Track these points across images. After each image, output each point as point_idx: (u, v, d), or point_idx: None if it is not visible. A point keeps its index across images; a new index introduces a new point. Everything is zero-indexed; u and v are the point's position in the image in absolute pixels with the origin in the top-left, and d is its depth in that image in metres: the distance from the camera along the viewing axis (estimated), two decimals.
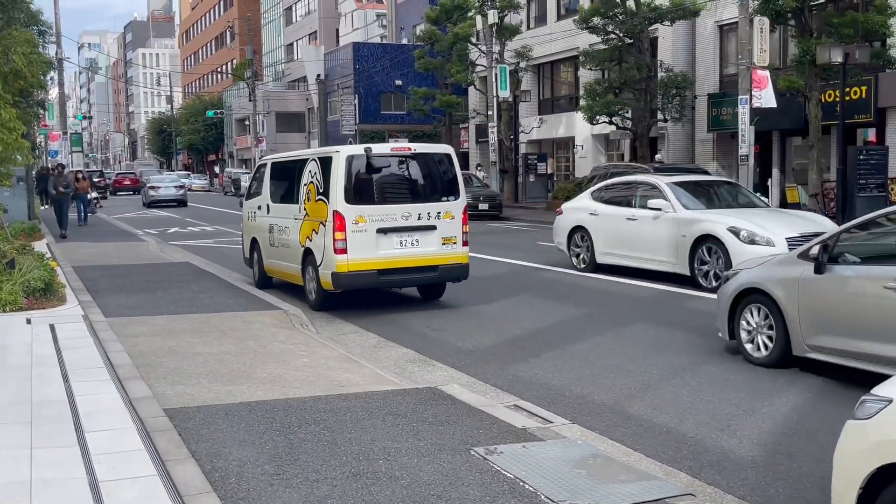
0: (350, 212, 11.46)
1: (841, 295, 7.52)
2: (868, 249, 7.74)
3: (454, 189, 12.21)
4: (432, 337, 10.14)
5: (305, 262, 12.40)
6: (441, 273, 12.12)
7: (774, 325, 8.16)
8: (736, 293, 8.62)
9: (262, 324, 10.28)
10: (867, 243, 7.84)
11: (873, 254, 7.69)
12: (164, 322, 10.23)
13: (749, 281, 8.51)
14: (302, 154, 13.28)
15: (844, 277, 7.49)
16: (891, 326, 6.97)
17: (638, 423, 6.61)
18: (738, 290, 8.61)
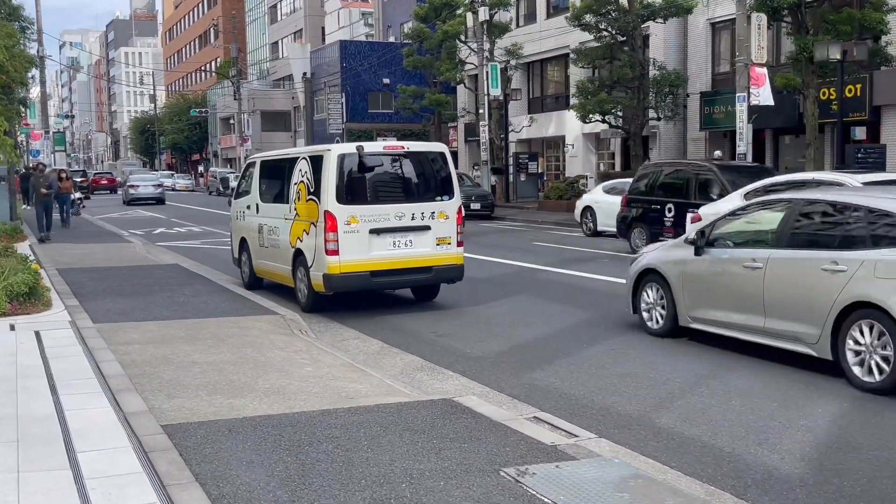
0: (342, 212, 11.02)
1: (713, 273, 8.94)
2: (737, 235, 9.02)
3: (448, 188, 11.79)
4: (438, 343, 9.70)
5: (296, 263, 11.96)
6: (435, 274, 11.71)
7: (665, 301, 9.49)
8: (637, 273, 10.01)
9: (260, 330, 9.81)
10: (737, 230, 9.09)
11: (740, 239, 8.95)
12: (157, 328, 9.74)
13: (647, 263, 9.92)
14: (292, 152, 12.83)
15: (715, 259, 8.94)
16: (747, 299, 8.41)
17: (669, 436, 6.19)
18: (638, 270, 10.01)
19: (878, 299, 7.10)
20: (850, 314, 7.38)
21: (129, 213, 37.73)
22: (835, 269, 7.51)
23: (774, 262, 8.13)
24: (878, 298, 7.10)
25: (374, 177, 11.52)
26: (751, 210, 9.17)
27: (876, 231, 7.47)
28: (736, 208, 9.74)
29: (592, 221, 22.97)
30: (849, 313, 7.39)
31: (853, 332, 7.37)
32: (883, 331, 7.10)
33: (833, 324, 7.49)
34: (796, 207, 8.37)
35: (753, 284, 8.31)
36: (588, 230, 23.08)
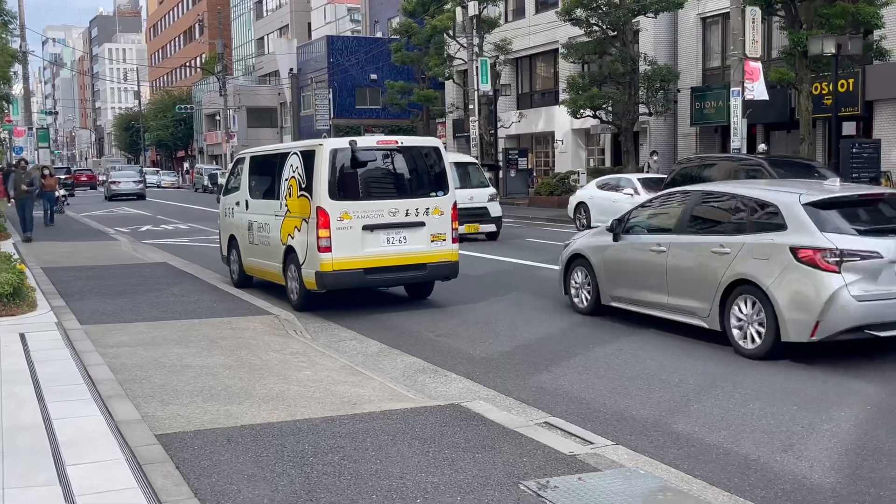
0: (334, 208, 10.72)
1: (627, 257, 10.05)
2: (647, 223, 10.07)
3: (443, 184, 11.49)
4: (438, 343, 9.39)
5: (287, 260, 11.65)
6: (430, 271, 11.42)
7: (591, 282, 10.59)
8: (567, 258, 11.13)
9: (254, 331, 9.48)
10: (647, 218, 10.16)
11: (650, 226, 9.99)
12: (147, 330, 9.39)
13: (575, 248, 11.07)
14: (283, 147, 12.50)
15: (629, 244, 10.04)
16: (654, 279, 9.52)
17: (689, 442, 5.91)
18: (568, 255, 11.14)
19: (753, 276, 8.23)
20: (733, 290, 8.46)
21: (114, 210, 37.24)
22: (722, 252, 8.62)
23: (675, 247, 9.27)
24: (752, 275, 8.24)
25: (367, 172, 11.22)
26: (661, 200, 10.33)
27: (753, 218, 8.65)
28: (647, 199, 10.91)
29: (586, 217, 22.73)
30: (732, 289, 8.47)
31: (736, 306, 8.44)
32: (757, 303, 8.21)
33: (720, 299, 8.57)
34: (693, 199, 9.54)
35: (659, 266, 9.43)
36: (581, 226, 22.84)
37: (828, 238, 7.89)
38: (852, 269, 7.79)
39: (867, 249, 7.88)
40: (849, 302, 7.72)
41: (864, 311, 7.76)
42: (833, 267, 7.80)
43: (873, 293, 7.79)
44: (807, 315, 7.84)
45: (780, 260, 8.04)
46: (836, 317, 7.75)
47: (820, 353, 8.18)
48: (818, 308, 7.76)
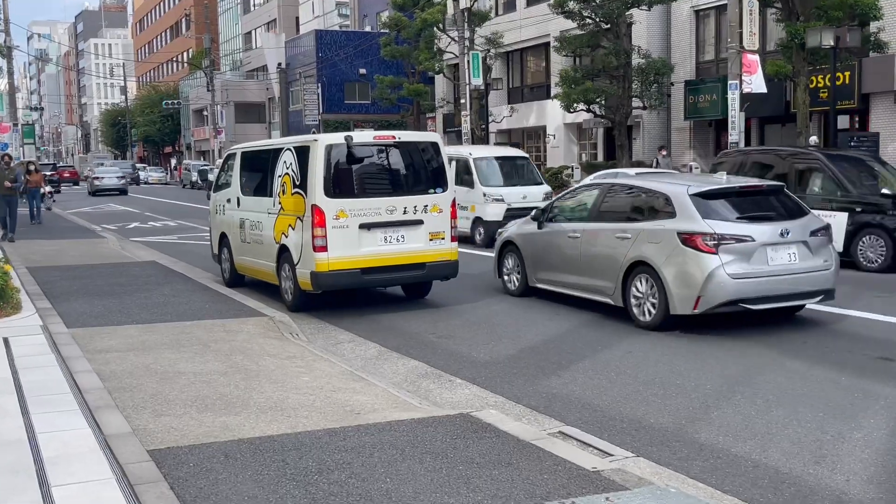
0: (330, 206, 10.35)
1: (549, 243, 11.17)
2: (567, 212, 11.19)
3: (441, 180, 11.13)
4: (439, 345, 9.04)
5: (281, 259, 11.29)
6: (429, 271, 11.06)
7: (520, 267, 11.72)
8: (500, 245, 12.31)
9: (248, 333, 9.10)
10: (567, 208, 11.29)
11: (569, 215, 11.10)
12: (137, 333, 9.00)
13: (507, 236, 12.19)
14: (276, 143, 12.12)
15: (551, 231, 11.17)
16: (571, 262, 10.69)
17: (714, 454, 5.58)
18: (501, 242, 12.31)
19: (648, 258, 9.41)
20: (632, 271, 9.63)
21: (101, 207, 36.73)
22: (624, 237, 9.80)
23: (587, 233, 10.44)
24: (648, 257, 9.41)
25: (363, 168, 10.87)
26: (578, 192, 11.55)
27: (649, 206, 9.88)
28: (569, 192, 11.98)
29: None
30: (632, 270, 9.63)
31: (634, 285, 9.62)
32: (651, 281, 9.37)
33: (622, 278, 9.75)
34: (603, 190, 10.73)
35: (574, 250, 10.63)
36: None
37: (708, 224, 9.13)
38: (728, 250, 9.00)
39: (742, 234, 9.12)
40: (725, 279, 8.92)
41: (738, 287, 8.97)
42: (711, 249, 9.00)
43: (746, 272, 9.00)
44: (690, 291, 9.04)
45: (669, 243, 9.26)
46: (714, 292, 8.94)
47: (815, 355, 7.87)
48: (699, 285, 8.97)
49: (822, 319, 9.86)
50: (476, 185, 18.36)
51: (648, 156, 34.99)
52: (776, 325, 9.51)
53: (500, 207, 17.93)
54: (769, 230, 9.21)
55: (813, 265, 9.35)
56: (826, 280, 9.47)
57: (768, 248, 9.12)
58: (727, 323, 9.56)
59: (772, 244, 9.14)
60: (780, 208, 9.80)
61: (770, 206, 9.81)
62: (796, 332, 9.22)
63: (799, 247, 9.29)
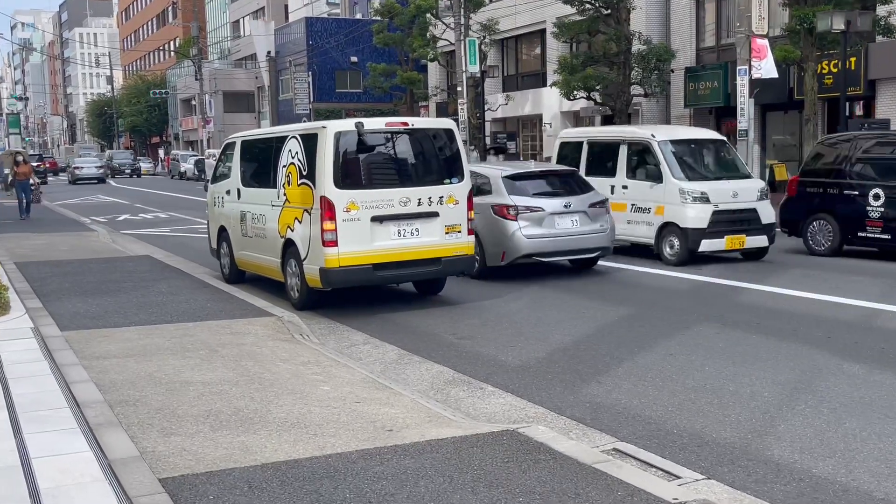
0: (340, 197, 9.70)
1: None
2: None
3: (457, 169, 10.50)
4: (462, 347, 8.42)
5: (286, 255, 10.65)
6: (445, 266, 10.41)
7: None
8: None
9: (256, 335, 8.46)
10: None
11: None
12: (136, 336, 8.34)
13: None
14: (279, 131, 11.45)
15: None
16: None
17: (794, 475, 4.97)
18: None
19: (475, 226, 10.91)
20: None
21: (89, 198, 35.93)
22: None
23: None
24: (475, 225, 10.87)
25: (375, 157, 10.22)
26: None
27: (478, 186, 11.97)
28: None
29: None
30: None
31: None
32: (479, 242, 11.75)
33: None
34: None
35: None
36: None
37: (512, 199, 12.09)
38: (525, 218, 11.96)
39: (535, 205, 12.08)
40: (522, 239, 11.90)
41: (531, 244, 11.92)
42: (513, 217, 11.97)
43: (538, 234, 11.97)
44: (497, 249, 12.02)
45: (486, 214, 11.94)
46: (514, 249, 11.92)
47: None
48: (504, 243, 11.95)
49: (865, 315, 9.29)
50: (667, 177, 13.35)
51: None
52: (821, 325, 8.94)
53: (704, 209, 13.07)
54: (556, 203, 12.17)
55: (591, 229, 12.28)
56: (601, 240, 12.42)
57: (555, 216, 12.06)
58: (768, 323, 8.99)
59: (558, 213, 12.08)
60: (568, 187, 12.67)
61: (560, 186, 12.73)
62: (845, 331, 8.64)
63: (580, 215, 12.22)
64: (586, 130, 18.24)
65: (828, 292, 10.58)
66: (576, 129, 19.10)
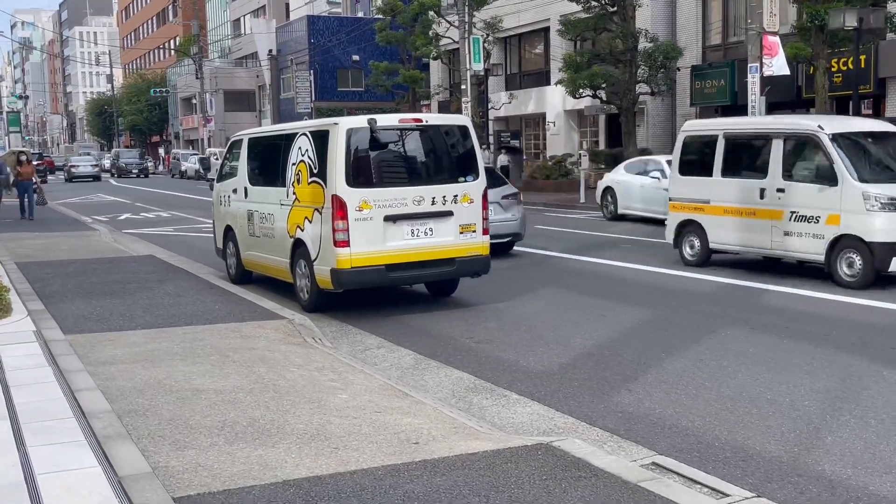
0: (352, 196, 9.40)
1: None
2: None
3: (472, 167, 10.19)
4: (480, 352, 8.11)
5: (295, 255, 10.34)
6: (459, 267, 10.10)
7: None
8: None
9: (267, 339, 8.14)
10: None
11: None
12: (143, 340, 8.02)
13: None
14: (289, 127, 11.13)
15: None
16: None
17: (852, 494, 4.66)
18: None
19: None
20: None
21: (90, 197, 35.60)
22: None
23: None
24: None
25: (388, 155, 9.90)
26: None
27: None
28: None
29: (613, 204, 21.17)
30: None
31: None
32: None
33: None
34: None
35: None
36: (609, 213, 21.30)
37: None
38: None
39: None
40: None
41: None
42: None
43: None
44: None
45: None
46: None
47: None
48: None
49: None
50: (843, 179, 10.82)
51: (654, 142, 34.10)
52: (855, 329, 8.63)
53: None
54: None
55: (504, 218, 13.81)
56: (513, 227, 14.22)
57: None
58: (798, 327, 8.68)
59: None
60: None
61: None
62: (879, 336, 8.33)
63: (495, 206, 12.89)
64: (721, 122, 15.20)
65: (858, 295, 10.26)
66: (706, 121, 15.41)
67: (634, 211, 20.08)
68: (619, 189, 20.75)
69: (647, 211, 19.54)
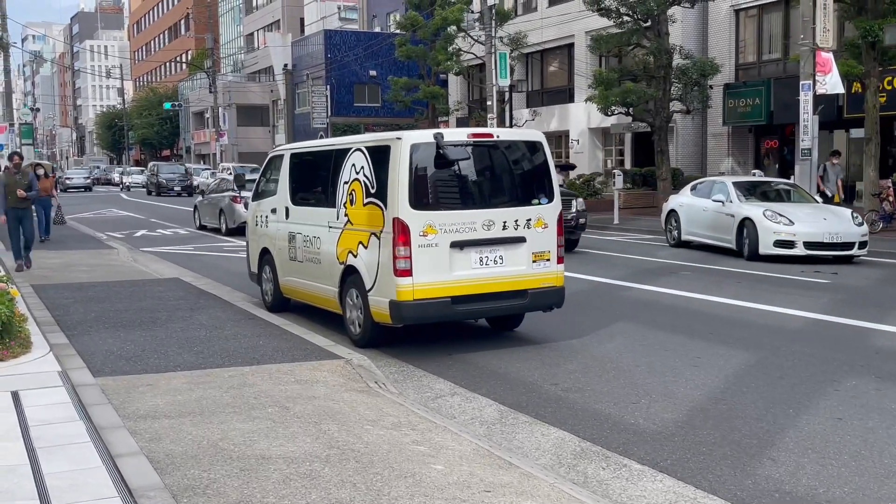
0: (416, 220, 8.38)
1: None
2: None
3: (547, 188, 9.16)
4: (573, 403, 7.03)
5: (346, 283, 9.32)
6: (531, 300, 9.04)
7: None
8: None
9: (326, 385, 7.08)
10: None
11: None
12: (185, 385, 6.96)
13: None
14: (339, 143, 10.10)
15: None
16: None
17: None
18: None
19: None
20: None
21: (102, 212, 34.64)
22: None
23: None
24: None
25: (455, 174, 8.84)
26: None
27: None
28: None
29: (676, 228, 19.27)
30: None
31: None
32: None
33: None
34: None
35: None
36: (672, 239, 19.43)
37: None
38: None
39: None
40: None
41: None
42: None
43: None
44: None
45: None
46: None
47: None
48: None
49: None
50: None
51: (683, 162, 33.11)
52: None
53: None
54: None
55: None
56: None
57: None
58: None
59: None
60: None
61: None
62: None
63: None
64: None
65: None
66: None
67: (697, 237, 18.55)
68: (683, 213, 19.06)
69: (709, 238, 18.02)
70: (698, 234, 18.43)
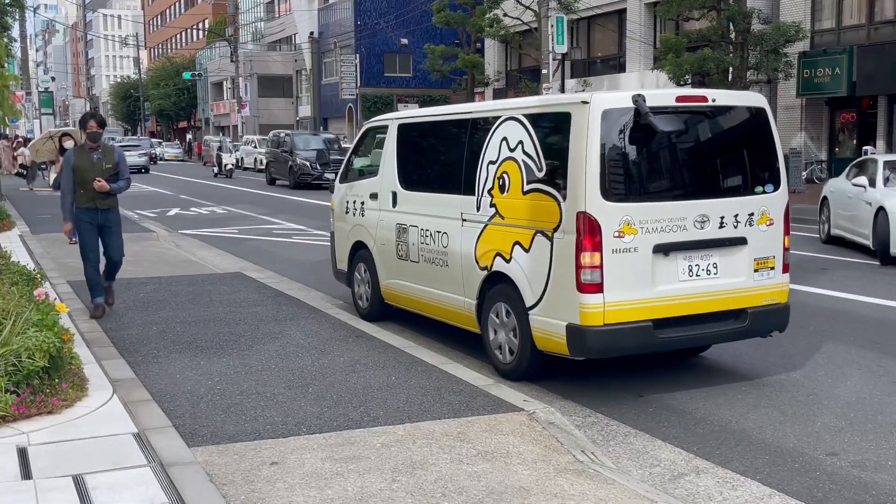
0: (611, 215, 6.10)
1: None
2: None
3: (772, 172, 6.84)
4: (871, 486, 4.78)
5: (489, 295, 7.08)
6: (752, 323, 6.66)
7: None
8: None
9: (524, 461, 4.83)
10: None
11: None
12: (328, 465, 4.69)
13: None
14: (478, 109, 7.77)
15: None
16: None
17: None
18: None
19: None
20: None
21: None
22: None
23: None
24: None
25: (659, 152, 6.50)
26: None
27: None
28: None
29: (827, 221, 15.35)
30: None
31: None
32: None
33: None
34: None
35: None
36: (824, 234, 15.49)
37: None
38: None
39: None
40: None
41: None
42: None
43: None
44: None
45: None
46: None
47: None
48: None
49: None
50: None
51: None
52: None
53: None
54: None
55: None
56: None
57: None
58: None
59: None
60: None
61: None
62: None
63: None
64: None
65: None
66: None
67: (842, 231, 14.67)
68: (833, 200, 15.21)
69: (848, 232, 14.32)
70: (843, 227, 14.65)
